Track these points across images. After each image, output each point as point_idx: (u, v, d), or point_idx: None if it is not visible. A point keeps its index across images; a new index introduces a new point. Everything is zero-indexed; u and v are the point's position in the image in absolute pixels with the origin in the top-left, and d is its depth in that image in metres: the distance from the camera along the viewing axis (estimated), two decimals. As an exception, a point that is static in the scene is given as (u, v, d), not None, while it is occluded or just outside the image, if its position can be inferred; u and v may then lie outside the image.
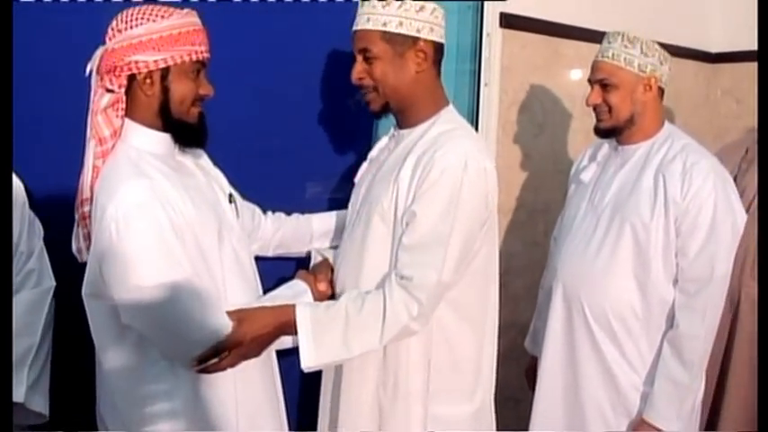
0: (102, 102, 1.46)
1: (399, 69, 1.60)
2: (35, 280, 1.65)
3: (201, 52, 1.49)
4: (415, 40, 1.59)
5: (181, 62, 1.46)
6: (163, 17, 1.44)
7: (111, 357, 1.50)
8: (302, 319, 1.49)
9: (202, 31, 1.51)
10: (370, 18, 1.58)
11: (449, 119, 1.66)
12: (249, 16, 1.94)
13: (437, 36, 1.62)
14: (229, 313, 1.49)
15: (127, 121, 1.49)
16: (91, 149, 1.48)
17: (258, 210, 1.87)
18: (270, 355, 1.65)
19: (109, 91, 1.46)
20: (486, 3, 2.51)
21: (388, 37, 1.58)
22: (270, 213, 1.91)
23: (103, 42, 1.46)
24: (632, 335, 1.91)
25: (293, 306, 1.52)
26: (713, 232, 1.82)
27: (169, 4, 1.49)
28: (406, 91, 1.62)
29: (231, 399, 1.53)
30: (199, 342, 1.43)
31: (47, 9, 1.70)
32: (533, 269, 2.76)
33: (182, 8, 1.49)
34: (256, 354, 1.52)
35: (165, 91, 1.48)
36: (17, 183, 1.62)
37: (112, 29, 1.45)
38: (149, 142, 1.50)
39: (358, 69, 1.62)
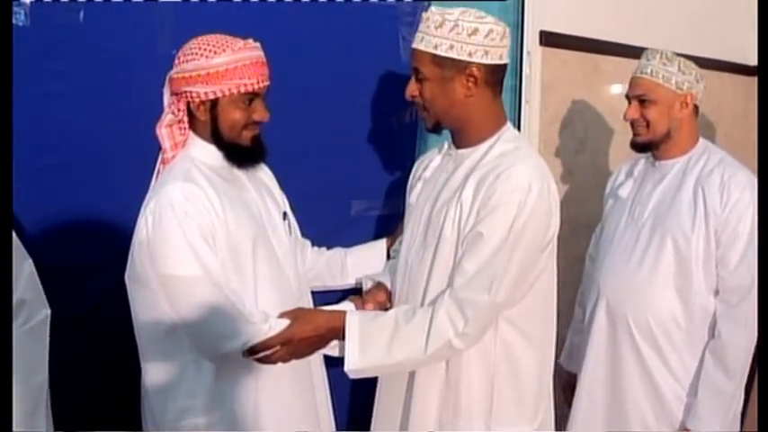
0: (166, 119, 1.60)
1: (448, 92, 1.56)
2: (27, 313, 1.50)
3: (252, 84, 1.56)
4: (466, 64, 1.53)
5: (229, 94, 1.55)
6: (215, 53, 1.53)
7: (146, 343, 1.57)
8: (351, 324, 1.51)
9: (257, 64, 1.57)
10: (423, 38, 1.54)
11: (509, 138, 1.61)
12: (296, 34, 1.99)
13: (493, 58, 1.54)
14: (286, 312, 1.56)
15: (191, 133, 1.62)
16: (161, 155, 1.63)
17: (308, 244, 1.92)
18: (309, 361, 1.66)
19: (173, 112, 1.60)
20: (526, 21, 2.52)
21: (438, 60, 1.53)
22: (315, 248, 1.95)
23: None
24: (676, 346, 1.93)
25: (344, 312, 1.56)
26: (753, 242, 1.84)
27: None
28: (456, 113, 1.58)
29: (251, 400, 1.58)
30: (217, 338, 1.51)
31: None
32: (577, 285, 2.74)
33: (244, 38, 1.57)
34: (306, 353, 1.57)
35: (215, 118, 1.58)
36: None
37: (177, 58, 1.57)
38: (206, 154, 1.61)
39: (411, 87, 1.59)
